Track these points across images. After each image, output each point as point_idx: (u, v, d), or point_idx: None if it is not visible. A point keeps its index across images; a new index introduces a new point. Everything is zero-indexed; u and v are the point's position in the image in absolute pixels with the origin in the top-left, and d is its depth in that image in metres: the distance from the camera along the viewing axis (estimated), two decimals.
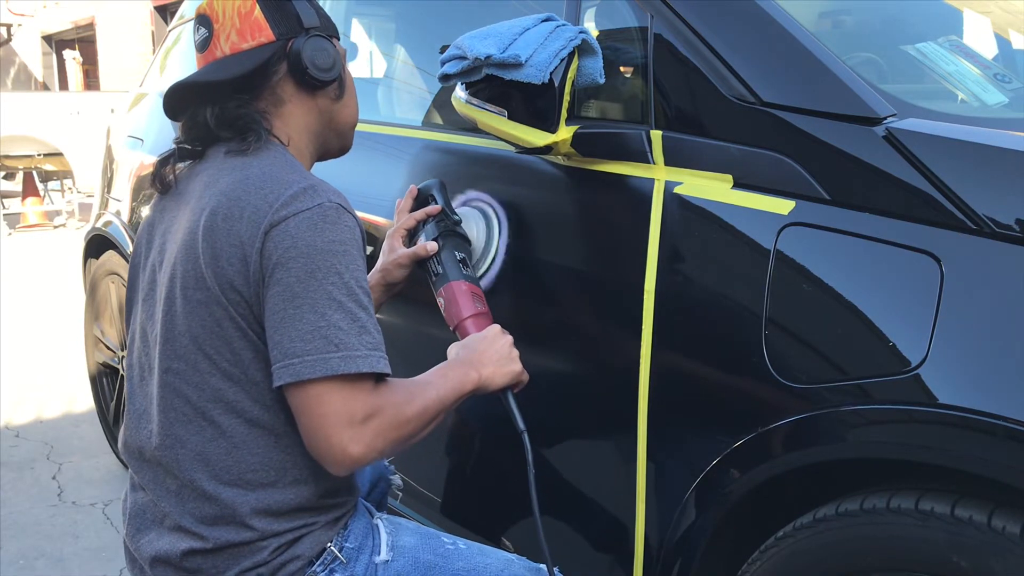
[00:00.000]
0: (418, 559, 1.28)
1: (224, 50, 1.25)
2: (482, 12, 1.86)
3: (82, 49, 16.58)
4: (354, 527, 1.26)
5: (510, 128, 1.41)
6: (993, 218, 1.01)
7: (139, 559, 1.25)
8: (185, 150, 1.29)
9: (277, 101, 1.27)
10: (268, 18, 1.24)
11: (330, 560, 1.22)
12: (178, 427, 1.19)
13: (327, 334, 1.10)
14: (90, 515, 2.74)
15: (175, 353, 1.18)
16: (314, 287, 1.10)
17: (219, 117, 1.24)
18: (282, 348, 1.10)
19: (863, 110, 1.15)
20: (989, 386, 0.99)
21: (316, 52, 1.25)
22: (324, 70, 1.27)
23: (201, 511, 1.18)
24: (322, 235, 1.12)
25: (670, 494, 1.31)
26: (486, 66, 1.37)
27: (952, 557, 1.00)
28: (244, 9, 1.24)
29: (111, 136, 3.23)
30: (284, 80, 1.26)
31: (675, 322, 1.29)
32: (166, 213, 1.28)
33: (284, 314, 1.10)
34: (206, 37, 1.27)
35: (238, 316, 1.14)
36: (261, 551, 1.18)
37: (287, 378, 1.10)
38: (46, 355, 4.51)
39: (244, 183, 1.17)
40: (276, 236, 1.11)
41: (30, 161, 9.15)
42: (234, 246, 1.13)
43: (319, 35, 1.27)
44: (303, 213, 1.12)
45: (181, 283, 1.17)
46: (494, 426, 1.43)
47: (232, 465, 1.17)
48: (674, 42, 1.33)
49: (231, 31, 1.24)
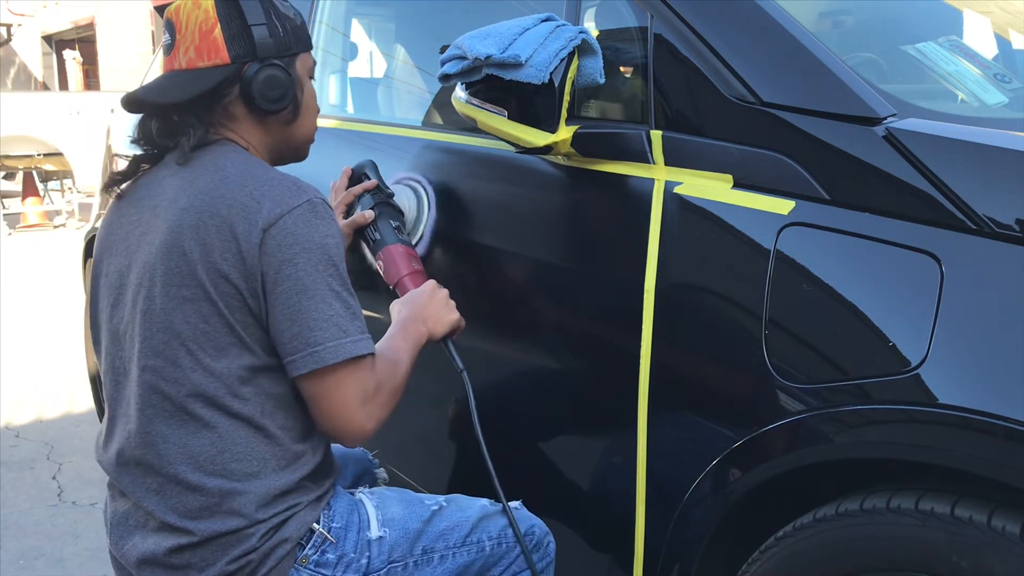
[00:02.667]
0: (408, 529, 1.32)
1: (182, 63, 1.27)
2: (482, 12, 1.86)
3: (82, 49, 16.57)
4: (337, 505, 1.29)
5: (510, 128, 1.41)
6: (993, 218, 1.01)
7: (126, 565, 1.26)
8: (143, 156, 1.34)
9: (230, 116, 1.31)
10: (226, 39, 1.26)
11: (320, 541, 1.25)
12: (159, 423, 1.20)
13: (337, 321, 1.19)
14: (90, 515, 2.74)
15: (154, 350, 1.20)
16: (319, 280, 1.18)
17: (160, 130, 1.29)
18: (303, 339, 1.18)
19: (863, 110, 1.15)
20: (989, 386, 0.99)
21: (266, 83, 1.28)
22: (273, 101, 1.29)
23: (185, 505, 1.20)
24: (317, 230, 1.20)
25: (670, 494, 1.31)
26: (486, 66, 1.37)
27: (952, 557, 1.00)
28: (205, 27, 1.26)
29: (111, 136, 3.23)
30: (236, 101, 1.29)
31: (675, 322, 1.29)
32: (124, 219, 1.30)
33: (300, 306, 1.18)
34: (169, 44, 1.30)
35: (227, 310, 1.18)
36: (249, 538, 1.20)
37: (312, 365, 1.18)
38: (46, 355, 4.51)
39: (224, 181, 1.21)
40: (277, 234, 1.17)
41: (30, 161, 9.15)
42: (227, 240, 1.17)
43: (273, 64, 1.28)
44: (296, 210, 1.19)
45: (163, 281, 1.19)
46: (492, 422, 1.43)
47: (216, 455, 1.20)
48: (674, 42, 1.33)
49: (190, 46, 1.27)
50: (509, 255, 1.60)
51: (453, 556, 1.34)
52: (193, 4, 1.27)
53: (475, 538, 1.36)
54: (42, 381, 4.09)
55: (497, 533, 1.38)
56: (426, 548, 1.32)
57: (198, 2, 1.27)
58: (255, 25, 1.27)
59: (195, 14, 1.26)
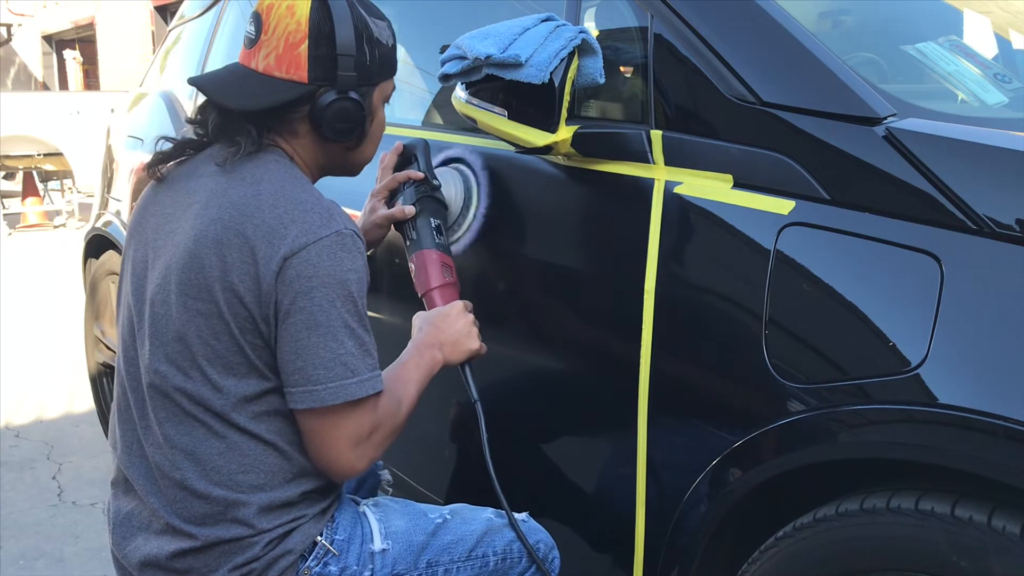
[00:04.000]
0: (411, 542, 1.31)
1: (259, 65, 1.23)
2: (482, 12, 1.86)
3: (82, 49, 16.58)
4: (341, 518, 1.28)
5: (510, 128, 1.41)
6: (993, 218, 1.01)
7: (128, 567, 1.25)
8: (192, 141, 1.30)
9: (292, 131, 1.27)
10: (310, 58, 1.21)
11: (323, 554, 1.24)
12: (168, 426, 1.19)
13: (345, 360, 1.16)
14: (90, 515, 2.74)
15: (167, 357, 1.19)
16: (334, 315, 1.15)
17: (218, 126, 1.26)
18: (304, 374, 1.15)
19: (863, 110, 1.15)
20: (989, 386, 0.99)
21: (337, 115, 1.24)
22: (340, 132, 1.26)
23: (190, 510, 1.19)
24: (341, 264, 1.16)
25: (670, 494, 1.31)
26: (486, 66, 1.37)
27: (952, 557, 1.00)
28: (293, 39, 1.21)
29: (111, 136, 3.23)
30: (303, 119, 1.25)
31: (675, 322, 1.29)
32: (159, 207, 1.28)
33: (307, 341, 1.14)
34: (252, 39, 1.25)
35: (238, 331, 1.16)
36: (253, 547, 1.19)
37: (310, 403, 1.15)
38: (46, 355, 4.51)
39: (257, 198, 1.18)
40: (298, 264, 1.14)
41: (30, 161, 9.15)
42: (247, 263, 1.14)
43: (349, 97, 1.24)
44: (323, 240, 1.15)
45: (179, 289, 1.17)
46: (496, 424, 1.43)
47: (223, 466, 1.18)
48: (674, 42, 1.33)
49: (272, 52, 1.22)
50: (506, 254, 1.60)
51: (458, 570, 1.33)
52: (287, 10, 1.21)
53: (480, 552, 1.35)
54: (42, 381, 4.09)
55: (502, 548, 1.36)
56: (430, 561, 1.31)
57: (292, 10, 1.21)
58: (343, 56, 1.22)
59: (286, 21, 1.21)
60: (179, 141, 1.32)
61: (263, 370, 1.18)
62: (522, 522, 1.40)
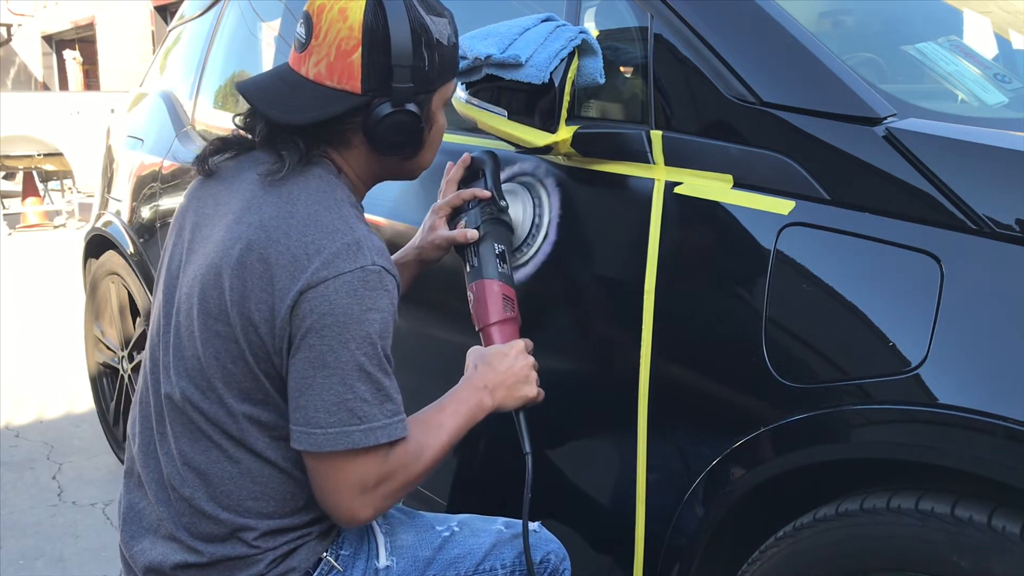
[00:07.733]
0: (417, 557, 1.28)
1: (310, 72, 1.15)
2: (482, 12, 1.86)
3: (82, 49, 16.58)
4: (348, 533, 1.26)
5: (510, 128, 1.41)
6: (993, 218, 1.01)
7: (133, 566, 1.24)
8: (238, 142, 1.25)
9: (344, 142, 1.20)
10: (364, 67, 1.13)
11: (327, 570, 1.22)
12: (184, 442, 1.17)
13: (352, 406, 1.08)
14: (90, 515, 2.75)
15: (187, 373, 1.16)
16: (346, 357, 1.07)
17: (265, 137, 1.19)
18: (305, 414, 1.09)
19: (863, 110, 1.15)
20: (989, 386, 0.99)
21: (392, 128, 1.16)
22: (395, 145, 1.19)
23: (197, 528, 1.17)
24: (361, 302, 1.08)
25: (670, 494, 1.31)
26: (486, 66, 1.37)
27: (952, 557, 1.00)
28: (345, 45, 1.13)
29: (111, 136, 3.24)
30: (355, 130, 1.18)
31: (675, 322, 1.29)
32: (201, 204, 1.24)
33: (312, 381, 1.08)
34: (302, 43, 1.16)
35: (252, 358, 1.12)
36: (257, 563, 1.18)
37: (307, 446, 1.10)
38: (46, 355, 4.51)
39: (287, 222, 1.11)
40: (313, 299, 1.07)
41: (30, 161, 9.15)
42: (265, 291, 1.09)
43: (406, 110, 1.16)
44: (344, 276, 1.07)
45: (200, 307, 1.14)
46: (498, 423, 1.43)
47: (234, 491, 1.16)
48: (674, 42, 1.33)
49: (323, 59, 1.14)
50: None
51: None
52: (339, 15, 1.12)
53: (487, 566, 1.31)
54: (42, 381, 4.09)
55: (511, 561, 1.33)
56: None
57: (345, 14, 1.12)
58: (399, 67, 1.13)
59: (338, 26, 1.12)
60: (227, 138, 1.27)
61: (278, 400, 1.13)
62: (534, 532, 1.35)
